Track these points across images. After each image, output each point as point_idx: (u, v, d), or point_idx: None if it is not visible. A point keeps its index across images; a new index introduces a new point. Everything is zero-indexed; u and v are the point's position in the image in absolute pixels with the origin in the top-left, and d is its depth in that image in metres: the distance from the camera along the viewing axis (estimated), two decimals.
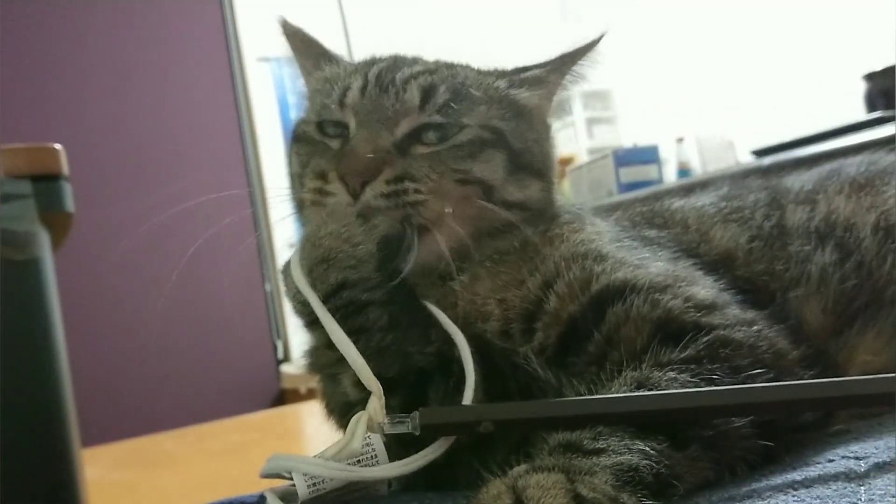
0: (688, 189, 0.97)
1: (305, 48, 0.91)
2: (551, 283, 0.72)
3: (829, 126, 2.59)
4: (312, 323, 0.72)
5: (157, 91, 4.59)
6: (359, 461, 0.64)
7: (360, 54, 0.90)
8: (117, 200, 4.21)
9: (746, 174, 0.99)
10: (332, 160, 0.75)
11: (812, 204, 0.84)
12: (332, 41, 0.95)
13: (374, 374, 0.66)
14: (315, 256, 0.71)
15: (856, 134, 2.38)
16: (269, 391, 4.61)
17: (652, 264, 0.74)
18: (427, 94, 0.78)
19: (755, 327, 0.68)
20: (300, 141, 0.82)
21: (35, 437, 1.15)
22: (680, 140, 4.38)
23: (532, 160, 0.81)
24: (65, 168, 1.26)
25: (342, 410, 0.75)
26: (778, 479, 0.58)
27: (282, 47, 0.91)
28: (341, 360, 0.70)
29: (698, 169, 4.10)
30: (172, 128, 4.58)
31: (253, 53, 5.18)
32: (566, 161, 4.40)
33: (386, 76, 0.80)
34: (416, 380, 0.71)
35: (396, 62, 0.83)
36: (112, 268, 4.16)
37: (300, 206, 0.81)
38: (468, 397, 0.66)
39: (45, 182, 1.22)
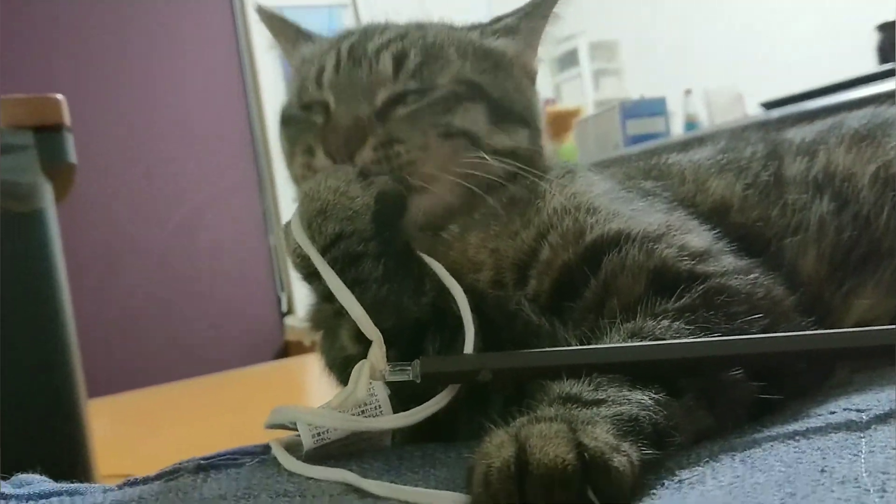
0: (685, 144, 0.97)
1: (283, 30, 0.92)
2: (544, 233, 0.73)
3: (840, 78, 2.55)
4: (311, 275, 0.73)
5: (161, 41, 4.54)
6: (363, 412, 0.65)
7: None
8: (122, 152, 4.20)
9: (747, 128, 0.99)
10: (318, 135, 0.77)
11: (812, 155, 0.84)
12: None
13: None
14: (313, 209, 0.72)
15: (868, 86, 2.34)
16: (273, 344, 4.65)
17: (646, 215, 0.75)
18: (399, 61, 0.79)
19: (751, 275, 0.68)
20: (286, 123, 0.84)
21: (40, 389, 1.16)
22: (688, 92, 4.33)
23: (514, 108, 0.82)
24: (67, 119, 1.25)
25: (341, 365, 0.76)
26: (779, 430, 0.58)
27: (264, 34, 0.94)
28: (339, 313, 0.71)
29: (706, 122, 4.06)
30: (178, 78, 4.55)
31: (254, 1, 5.10)
32: (572, 114, 4.35)
33: (358, 49, 0.81)
34: (412, 332, 0.72)
35: (367, 32, 0.84)
36: (117, 220, 4.17)
37: (297, 181, 0.83)
38: (469, 347, 0.67)
39: (48, 133, 1.22)
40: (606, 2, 6.00)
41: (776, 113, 2.40)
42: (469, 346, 0.67)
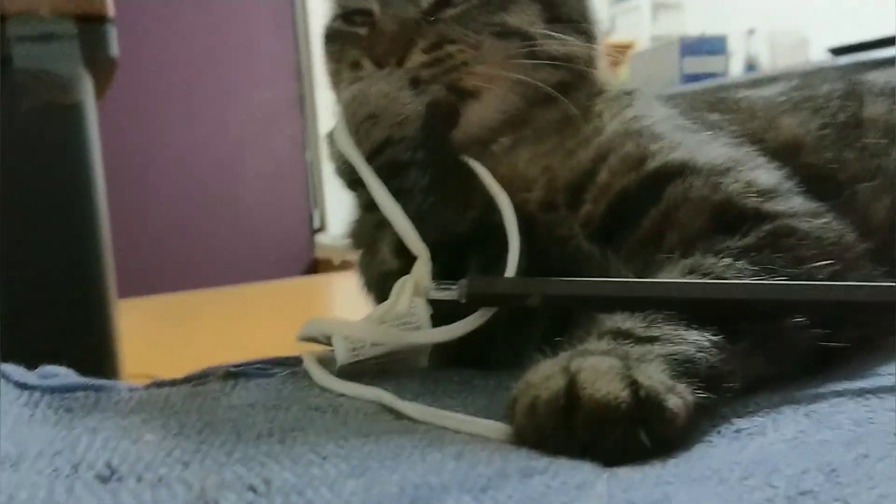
0: (755, 82, 0.92)
1: None
2: (604, 156, 0.69)
3: None
4: (354, 182, 0.71)
5: None
6: (403, 328, 0.63)
7: None
8: (164, 54, 4.17)
9: (821, 71, 0.93)
10: (363, 46, 0.73)
11: (894, 99, 0.79)
12: None
13: None
14: (362, 113, 0.69)
15: None
16: (303, 259, 4.67)
17: (711, 147, 0.71)
18: None
19: (822, 219, 0.64)
20: (330, 39, 0.80)
21: (72, 284, 1.15)
22: (751, 32, 4.18)
23: (569, 12, 0.77)
24: (111, 10, 1.22)
25: (380, 281, 0.74)
26: (846, 386, 0.55)
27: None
28: (381, 224, 0.69)
29: (767, 64, 3.94)
30: None
31: None
32: (627, 47, 4.23)
33: None
34: (454, 248, 0.69)
35: None
36: (155, 122, 4.16)
37: (336, 84, 0.79)
38: (511, 266, 0.64)
39: (91, 24, 1.19)
40: None
41: (843, 60, 2.30)
42: (512, 264, 0.64)
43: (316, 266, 4.64)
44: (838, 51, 2.66)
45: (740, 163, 0.68)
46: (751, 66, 4.03)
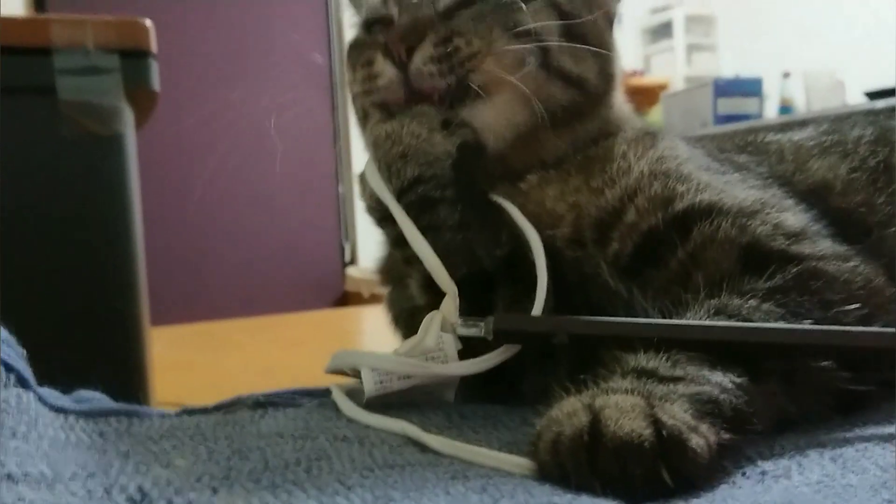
0: (784, 126, 0.92)
1: None
2: (632, 196, 0.69)
3: None
4: (384, 220, 0.71)
5: None
6: (430, 362, 0.63)
7: None
8: (204, 85, 4.24)
9: (850, 115, 0.93)
10: (379, 45, 0.73)
11: None
12: None
13: None
14: (395, 152, 0.70)
15: None
16: (334, 292, 4.69)
17: (739, 189, 0.71)
18: None
19: (850, 262, 0.64)
20: (352, 49, 0.80)
21: (107, 311, 1.17)
22: (786, 75, 4.17)
23: (586, 32, 0.76)
24: (153, 45, 1.25)
25: (408, 316, 0.74)
26: (873, 431, 0.55)
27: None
28: (409, 260, 0.70)
29: (802, 107, 3.91)
30: (265, 9, 4.56)
31: None
32: (661, 87, 4.25)
33: None
34: (481, 284, 0.69)
35: None
36: (192, 153, 4.22)
37: (362, 124, 0.80)
38: (539, 304, 0.65)
39: (133, 58, 1.21)
40: None
41: (879, 104, 2.29)
42: (540, 299, 0.65)
43: (346, 298, 4.66)
44: (874, 94, 2.64)
45: (768, 205, 0.68)
46: (786, 108, 4.01)
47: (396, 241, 0.71)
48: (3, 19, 1.23)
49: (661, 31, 6.11)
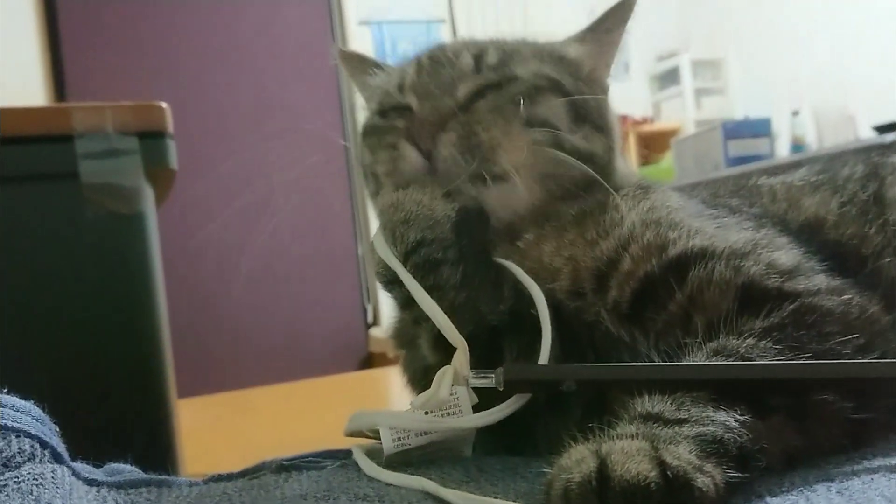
0: (777, 169, 0.95)
1: (360, 64, 0.95)
2: (625, 245, 0.72)
3: None
4: (391, 283, 0.74)
5: (261, 54, 4.67)
6: (445, 417, 0.64)
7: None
8: (221, 160, 4.32)
9: (845, 152, 0.96)
10: (401, 131, 0.78)
11: None
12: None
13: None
14: (397, 218, 0.73)
15: None
16: (358, 353, 4.70)
17: (731, 232, 0.73)
18: (479, 58, 0.82)
19: (844, 295, 0.65)
20: (368, 134, 0.85)
21: (135, 386, 1.19)
22: (795, 113, 4.19)
23: (591, 114, 0.82)
24: (170, 126, 1.29)
25: (422, 376, 0.77)
26: (880, 462, 0.56)
27: (343, 75, 0.99)
28: (417, 321, 0.72)
29: (814, 144, 3.92)
30: (276, 90, 4.67)
31: (355, 17, 5.22)
32: (672, 132, 4.28)
33: (438, 54, 0.84)
34: (489, 339, 0.72)
35: (444, 46, 0.87)
36: (212, 224, 4.28)
37: (375, 192, 0.84)
38: (545, 353, 0.66)
39: (152, 139, 1.25)
40: (712, 20, 5.89)
41: (890, 137, 2.30)
42: (545, 353, 0.66)
43: (371, 360, 4.67)
44: (883, 128, 2.65)
45: (760, 245, 0.70)
46: (797, 146, 4.03)
47: (404, 303, 0.73)
48: (27, 110, 1.28)
49: (669, 78, 6.18)
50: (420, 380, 0.77)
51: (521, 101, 0.77)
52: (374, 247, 0.75)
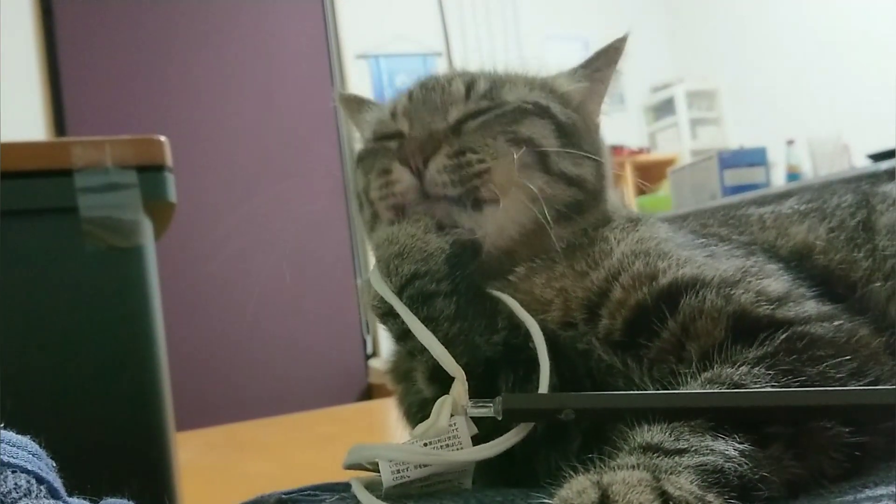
0: (764, 199, 0.97)
1: (358, 105, 0.98)
2: (615, 275, 0.73)
3: None
4: (386, 315, 0.75)
5: (260, 88, 4.71)
6: (444, 448, 0.64)
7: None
8: (218, 192, 4.34)
9: (831, 185, 0.97)
10: (393, 154, 0.80)
11: None
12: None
13: (440, 364, 0.68)
14: (391, 252, 0.74)
15: None
16: (358, 385, 4.69)
17: (720, 261, 0.74)
18: (469, 86, 0.84)
19: (836, 322, 0.66)
20: (362, 159, 0.87)
21: (133, 419, 1.19)
22: (790, 142, 4.22)
23: (581, 140, 0.83)
24: (169, 159, 1.30)
25: (419, 409, 0.77)
26: (883, 491, 0.55)
27: (342, 116, 1.01)
28: (413, 353, 0.73)
29: (809, 173, 3.95)
30: (274, 123, 4.70)
31: (352, 50, 5.26)
32: (668, 162, 4.29)
33: (431, 82, 0.87)
34: (484, 371, 0.72)
35: (436, 75, 0.90)
36: (211, 258, 4.29)
37: (371, 226, 0.85)
38: (544, 383, 0.67)
39: (151, 172, 1.26)
40: (706, 50, 5.94)
41: (885, 165, 2.31)
42: (544, 383, 0.67)
43: (370, 391, 4.65)
44: (878, 156, 2.67)
45: (749, 273, 0.71)
46: (793, 174, 4.05)
47: (400, 335, 0.74)
48: (27, 144, 1.28)
49: (664, 108, 6.22)
50: (416, 413, 0.78)
51: (509, 122, 0.79)
52: (370, 281, 0.76)
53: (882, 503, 0.53)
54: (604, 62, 0.90)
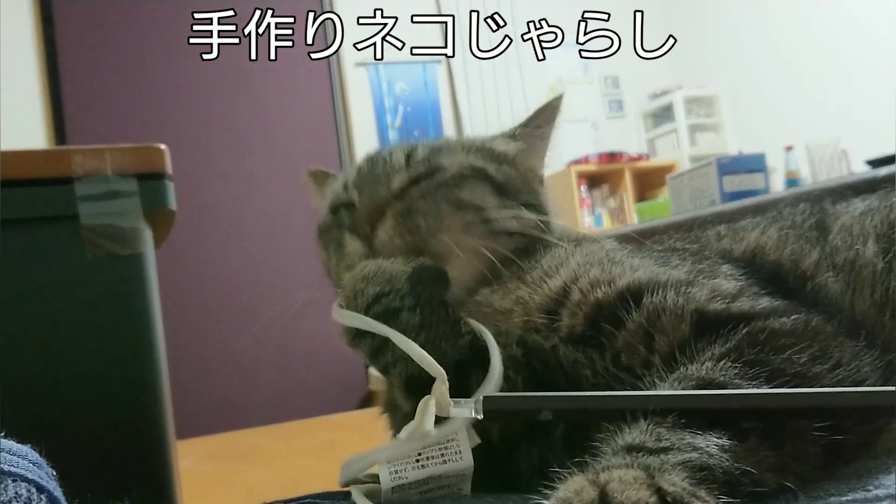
0: (732, 215, 1.02)
1: (323, 178, 1.07)
2: (573, 280, 0.77)
3: None
4: (356, 338, 0.80)
5: (259, 96, 4.72)
6: (443, 457, 0.65)
7: None
8: (218, 200, 4.34)
9: (787, 198, 1.01)
10: (345, 225, 0.88)
11: (868, 216, 0.84)
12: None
13: (416, 374, 0.72)
14: (358, 277, 0.80)
15: None
16: (358, 392, 4.69)
17: (671, 266, 0.78)
18: (409, 154, 0.91)
19: (791, 315, 0.68)
20: (321, 233, 0.95)
21: (132, 427, 1.19)
22: (789, 148, 4.23)
23: (519, 194, 0.90)
24: (169, 168, 1.30)
25: (403, 423, 0.78)
26: (884, 491, 0.56)
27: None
28: (388, 370, 0.77)
29: (808, 179, 3.96)
30: (275, 132, 4.71)
31: (351, 59, 5.28)
32: (667, 168, 4.29)
33: (375, 156, 0.94)
34: (455, 375, 0.74)
35: (380, 150, 0.97)
36: (210, 266, 4.30)
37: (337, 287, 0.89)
38: (491, 382, 0.70)
39: (151, 180, 1.26)
40: (704, 57, 5.96)
41: (884, 170, 2.31)
42: (492, 383, 0.70)
43: (370, 398, 4.65)
44: (876, 162, 2.67)
45: (701, 273, 0.75)
46: (792, 180, 4.06)
47: (372, 352, 0.78)
48: (27, 152, 1.29)
49: (663, 115, 6.23)
50: (400, 426, 0.79)
51: (451, 188, 0.85)
52: (337, 319, 0.81)
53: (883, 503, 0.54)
54: (542, 120, 0.97)
